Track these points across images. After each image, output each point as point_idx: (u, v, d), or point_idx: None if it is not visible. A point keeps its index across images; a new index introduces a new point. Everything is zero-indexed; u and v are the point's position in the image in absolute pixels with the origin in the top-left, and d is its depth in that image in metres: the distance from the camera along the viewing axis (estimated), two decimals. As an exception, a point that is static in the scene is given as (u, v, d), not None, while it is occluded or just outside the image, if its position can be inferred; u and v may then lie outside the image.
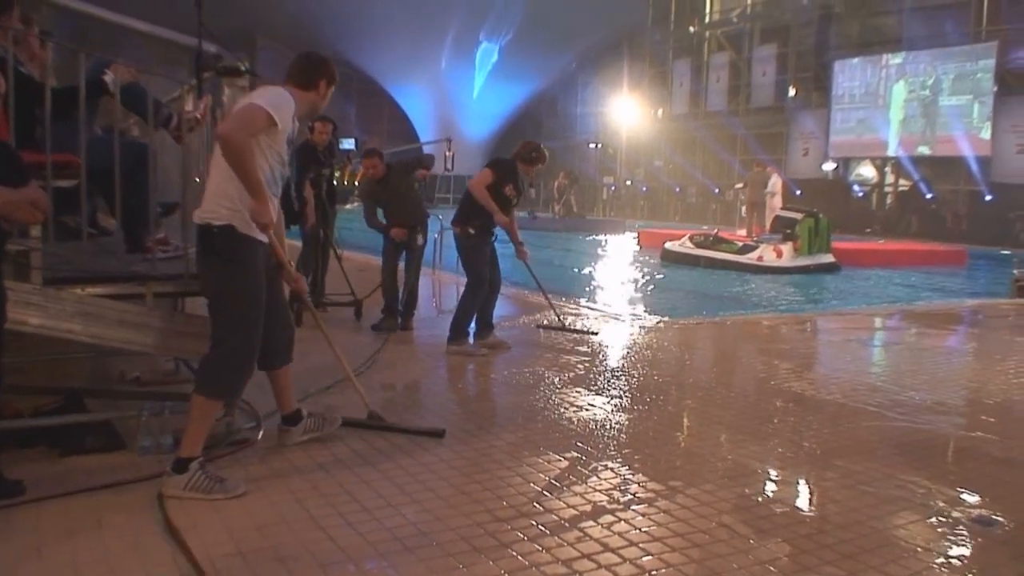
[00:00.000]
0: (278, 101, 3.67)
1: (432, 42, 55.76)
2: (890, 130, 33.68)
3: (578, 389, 5.73)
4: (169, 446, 3.99)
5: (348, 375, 4.72)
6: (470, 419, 4.91)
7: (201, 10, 4.32)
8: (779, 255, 15.74)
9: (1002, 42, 30.54)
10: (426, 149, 29.74)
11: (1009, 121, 29.94)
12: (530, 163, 7.17)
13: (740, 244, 16.87)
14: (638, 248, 21.51)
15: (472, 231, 6.94)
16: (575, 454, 4.31)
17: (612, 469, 4.10)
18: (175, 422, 4.02)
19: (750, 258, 15.88)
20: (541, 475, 3.97)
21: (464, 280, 7.11)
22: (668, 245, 17.68)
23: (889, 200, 35.60)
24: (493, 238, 7.11)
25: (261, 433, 4.31)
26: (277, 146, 3.74)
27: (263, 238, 3.76)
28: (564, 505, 3.61)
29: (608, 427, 4.85)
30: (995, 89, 30.23)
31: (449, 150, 29.01)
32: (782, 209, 17.99)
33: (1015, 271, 12.79)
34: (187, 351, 4.24)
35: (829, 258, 16.32)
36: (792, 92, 37.85)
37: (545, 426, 4.82)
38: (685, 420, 5.19)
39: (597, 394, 5.62)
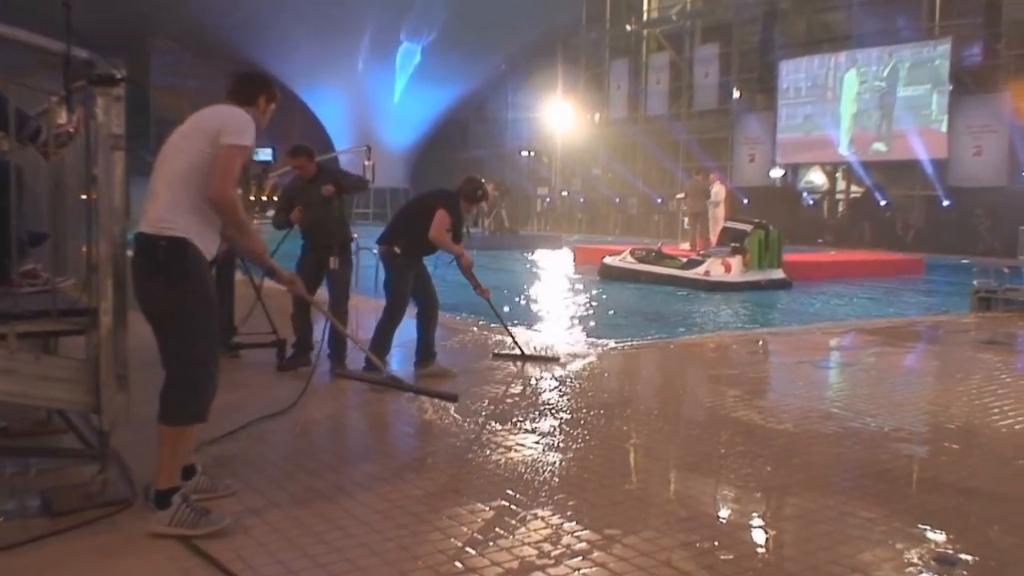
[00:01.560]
0: (243, 127, 3.85)
1: (347, 42, 55.54)
2: (841, 127, 34.41)
3: (507, 425, 5.63)
4: (36, 509, 3.78)
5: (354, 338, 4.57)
6: (385, 464, 4.78)
7: (69, 10, 4.14)
8: (727, 270, 15.92)
9: (956, 39, 31.49)
10: (344, 158, 29.39)
11: (964, 122, 30.83)
12: (474, 202, 7.32)
13: (685, 259, 17.02)
14: (575, 264, 21.56)
15: (398, 250, 6.89)
16: (502, 502, 4.21)
17: (543, 518, 4.01)
18: (43, 481, 3.82)
19: (696, 273, 16.03)
20: (463, 528, 3.86)
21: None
22: (607, 260, 17.79)
23: (841, 208, 36.38)
24: (423, 263, 7.20)
25: (139, 492, 4.12)
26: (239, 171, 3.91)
27: (208, 253, 3.86)
28: (488, 562, 3.50)
29: (540, 469, 4.76)
30: (950, 88, 31.11)
31: (369, 159, 28.73)
32: (729, 220, 18.22)
33: (975, 282, 13.07)
34: (59, 399, 4.03)
35: (780, 273, 16.56)
36: (736, 94, 38.54)
37: (469, 470, 4.71)
38: (625, 458, 5.12)
39: (528, 431, 5.53)
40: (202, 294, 3.79)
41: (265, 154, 46.61)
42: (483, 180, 7.47)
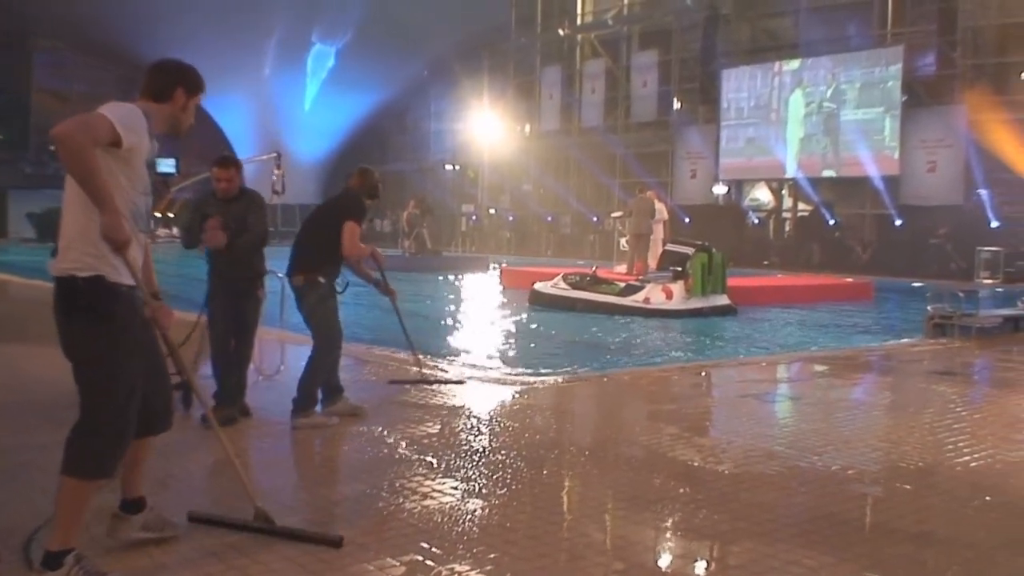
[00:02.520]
0: (125, 116, 3.65)
1: (253, 43, 55.11)
2: (788, 151, 34.94)
3: (424, 469, 5.57)
4: None
5: (233, 463, 4.42)
6: (286, 514, 4.67)
7: None
8: (668, 296, 16.04)
9: (908, 47, 32.33)
10: (251, 167, 28.95)
11: (918, 136, 31.61)
12: (375, 199, 7.16)
13: (623, 284, 17.12)
14: (502, 289, 21.58)
15: (322, 280, 6.75)
16: (416, 556, 4.14)
17: (461, 574, 3.95)
18: None
19: (635, 300, 16.12)
20: (373, 587, 3.78)
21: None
22: (538, 286, 17.80)
23: (788, 227, 37.08)
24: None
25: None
26: (134, 172, 3.74)
27: (131, 281, 3.75)
28: (400, 626, 3.43)
29: (459, 518, 4.70)
30: (903, 99, 31.86)
31: (279, 167, 28.35)
32: (670, 243, 18.36)
33: (929, 307, 13.37)
34: None
35: (724, 299, 16.74)
36: (676, 105, 39.10)
37: (379, 521, 4.64)
38: (554, 505, 5.09)
39: (447, 476, 5.47)
40: (122, 335, 3.72)
41: (168, 165, 45.94)
42: (412, 200, 7.34)
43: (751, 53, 37.00)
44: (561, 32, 44.77)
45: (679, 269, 16.45)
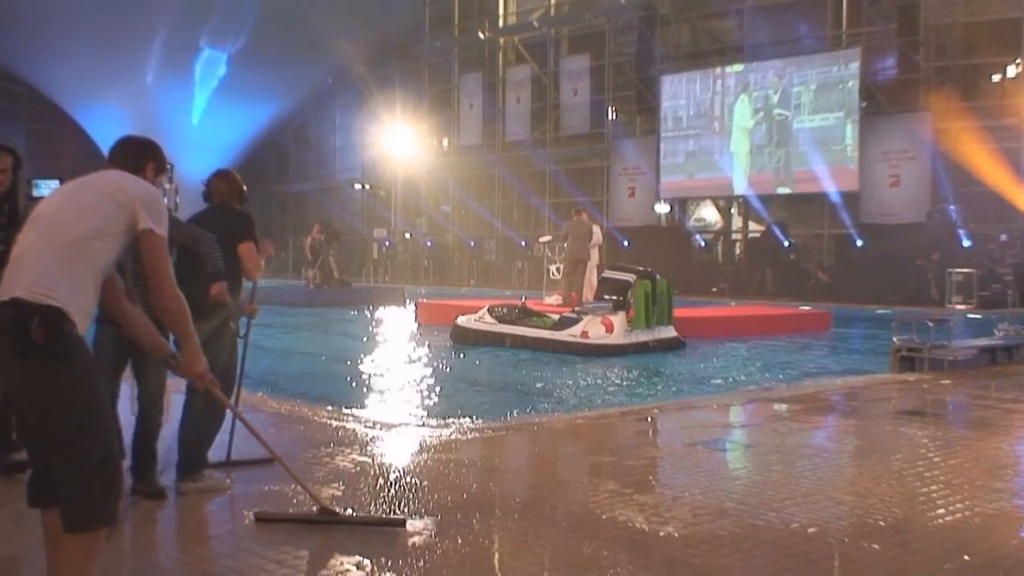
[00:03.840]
0: (163, 212, 4.14)
1: (133, 48, 54.45)
2: (735, 166, 35.25)
3: (324, 540, 5.44)
4: None
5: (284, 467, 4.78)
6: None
7: None
8: (609, 329, 16.06)
9: (865, 49, 32.94)
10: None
11: (879, 147, 32.15)
12: (245, 203, 7.03)
13: (556, 316, 17.12)
14: (419, 325, 21.48)
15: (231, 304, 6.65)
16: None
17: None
18: None
19: (572, 334, 16.12)
20: None
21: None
22: (461, 321, 17.75)
23: (738, 250, 37.52)
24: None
25: None
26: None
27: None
28: None
29: (369, 599, 4.59)
30: (862, 106, 32.34)
31: (170, 182, 28.02)
32: (609, 269, 18.42)
33: (895, 338, 13.53)
34: None
35: (671, 331, 16.82)
36: (611, 115, 39.44)
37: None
38: (478, 578, 5.01)
39: (348, 549, 5.35)
40: (89, 372, 3.84)
41: (50, 189, 45.12)
42: (316, 225, 7.19)
43: (693, 57, 37.51)
44: (481, 35, 45.00)
45: (619, 298, 16.48)
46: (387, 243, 48.54)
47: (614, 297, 16.58)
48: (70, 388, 3.72)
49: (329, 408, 9.90)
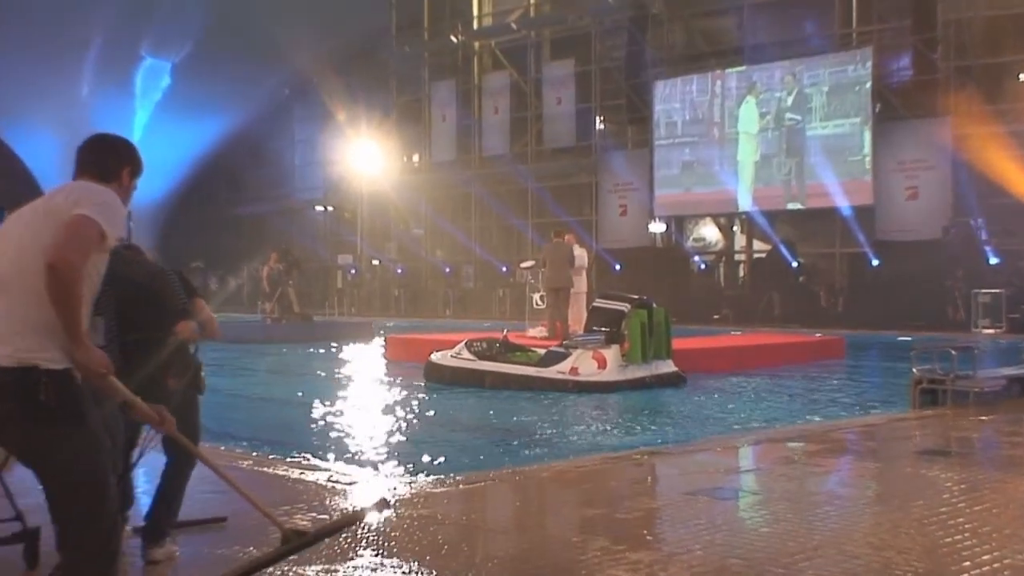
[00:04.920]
0: (107, 206, 3.96)
1: (66, 58, 54.39)
2: (739, 178, 35.24)
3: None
4: None
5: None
6: None
7: None
8: (601, 364, 16.05)
9: (878, 48, 33.06)
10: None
11: (894, 156, 32.20)
12: None
13: (542, 351, 17.12)
14: (389, 362, 21.46)
15: (177, 376, 6.57)
16: None
17: None
18: None
19: (560, 371, 16.12)
20: None
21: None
22: (436, 357, 17.73)
23: (742, 273, 37.58)
24: None
25: None
26: (100, 266, 4.02)
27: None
28: None
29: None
30: (875, 111, 32.35)
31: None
32: (601, 297, 18.43)
33: (915, 368, 13.52)
34: None
35: (669, 366, 16.84)
36: (599, 126, 39.53)
37: None
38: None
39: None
40: (98, 439, 3.88)
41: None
42: (273, 252, 7.13)
43: (688, 60, 37.63)
44: (454, 39, 45.14)
45: (613, 330, 16.48)
46: (353, 271, 48.52)
47: (606, 329, 16.57)
48: (74, 456, 3.77)
49: (287, 459, 9.88)
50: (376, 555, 6.60)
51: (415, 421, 13.55)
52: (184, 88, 57.35)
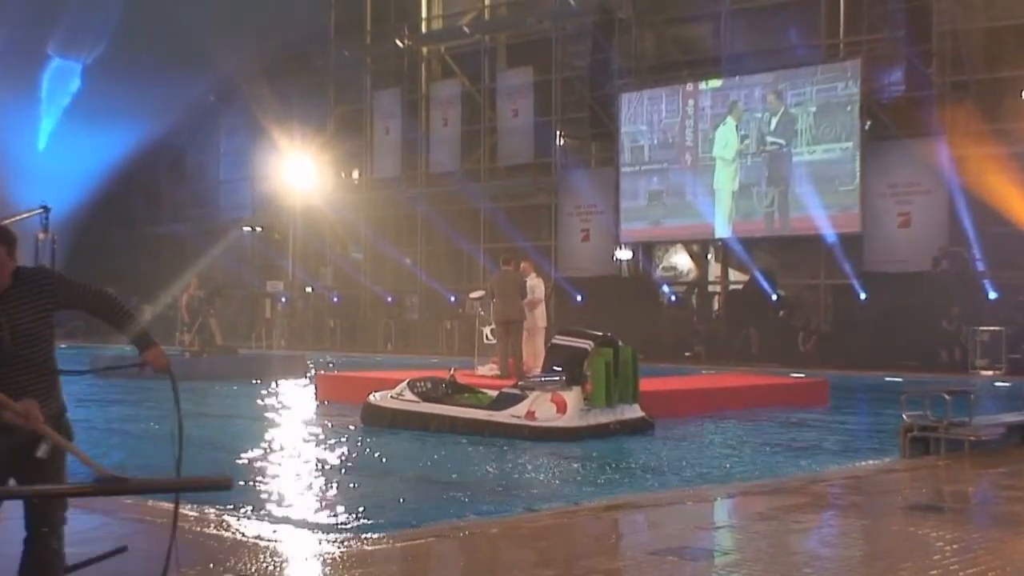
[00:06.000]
0: None
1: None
2: (716, 210, 35.28)
3: None
4: None
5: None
6: None
7: None
8: (560, 408, 15.95)
9: (867, 60, 33.33)
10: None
11: (885, 179, 32.40)
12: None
13: (494, 392, 17.08)
14: (321, 403, 21.39)
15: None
16: None
17: None
18: None
19: (514, 415, 16.03)
20: None
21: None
22: (375, 399, 17.65)
23: (716, 305, 37.73)
24: None
25: None
26: None
27: None
28: None
29: None
30: (864, 128, 32.55)
31: (46, 231, 27.57)
32: (560, 333, 18.37)
33: (905, 414, 13.57)
34: None
35: (636, 410, 16.80)
36: (559, 141, 39.62)
37: None
38: None
39: None
40: None
41: None
42: (194, 278, 7.03)
43: (658, 71, 37.82)
44: (399, 43, 45.21)
45: (574, 370, 16.37)
46: (284, 299, 48.31)
47: (568, 368, 16.41)
48: None
49: (201, 512, 9.80)
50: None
51: (349, 470, 13.51)
52: (96, 92, 56.95)
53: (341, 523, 9.83)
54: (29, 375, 6.02)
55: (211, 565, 7.88)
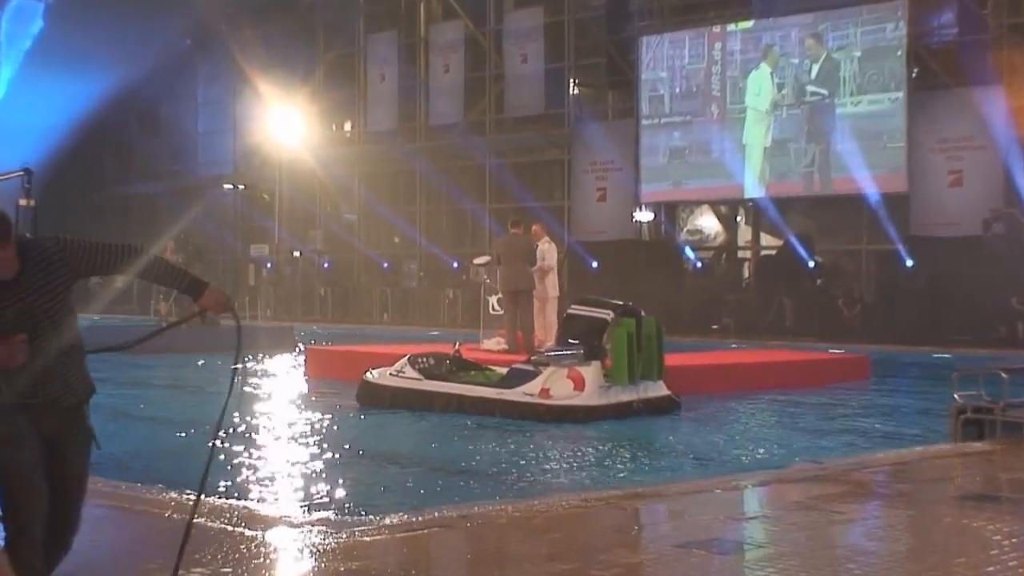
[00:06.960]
0: None
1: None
2: (745, 172, 34.98)
3: None
4: None
5: None
6: None
7: None
8: (578, 385, 15.91)
9: (915, 2, 32.94)
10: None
11: (934, 134, 32.10)
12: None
13: (504, 369, 17.07)
14: (310, 380, 21.40)
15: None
16: None
17: None
18: None
19: (527, 393, 16.00)
20: None
21: None
22: (372, 376, 17.64)
23: (747, 273, 37.59)
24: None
25: None
26: None
27: None
28: None
29: None
30: (911, 77, 32.27)
31: (29, 197, 27.53)
32: (577, 303, 18.27)
33: (957, 394, 13.52)
34: None
35: (660, 388, 16.76)
36: (574, 90, 39.46)
37: None
38: None
39: None
40: None
41: None
42: (170, 242, 7.06)
43: (682, 12, 37.60)
44: (395, -19, 45.05)
45: (593, 343, 16.31)
46: (269, 265, 48.31)
47: (586, 341, 16.36)
48: None
49: (184, 497, 9.83)
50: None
51: (345, 454, 13.51)
52: (60, 35, 56.85)
53: (337, 513, 9.84)
54: (63, 357, 6.09)
55: (193, 553, 7.92)
